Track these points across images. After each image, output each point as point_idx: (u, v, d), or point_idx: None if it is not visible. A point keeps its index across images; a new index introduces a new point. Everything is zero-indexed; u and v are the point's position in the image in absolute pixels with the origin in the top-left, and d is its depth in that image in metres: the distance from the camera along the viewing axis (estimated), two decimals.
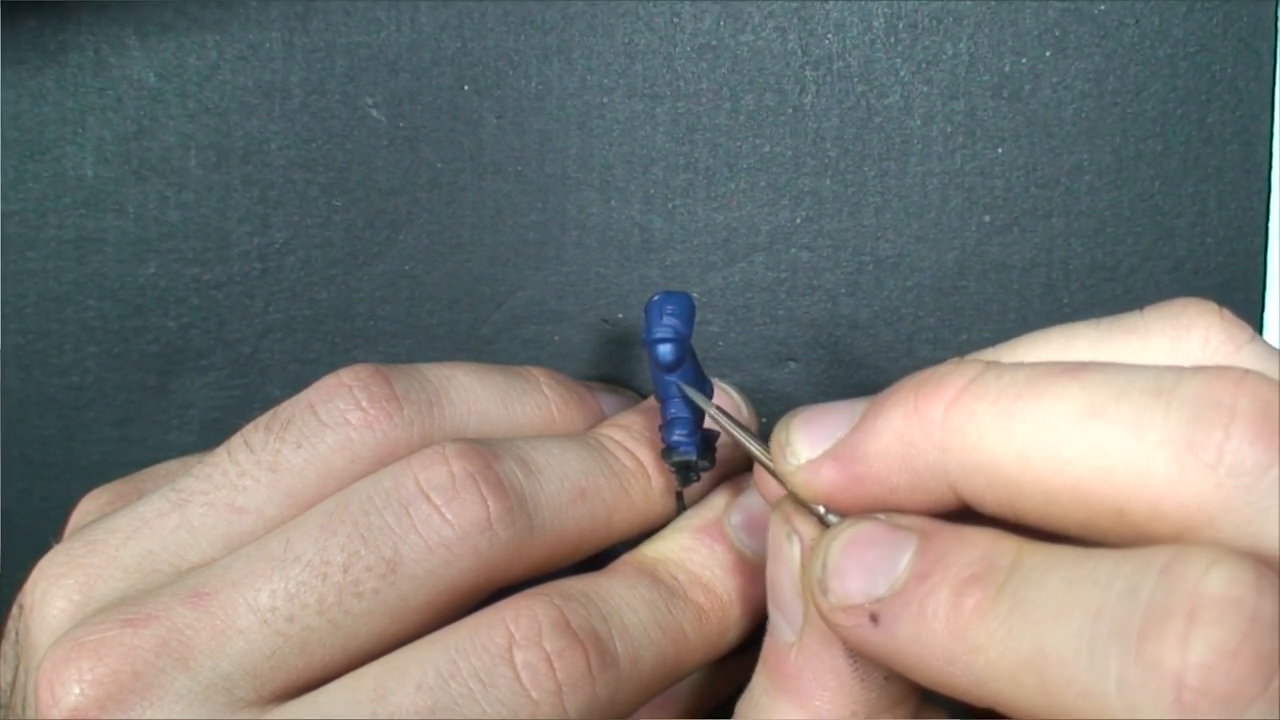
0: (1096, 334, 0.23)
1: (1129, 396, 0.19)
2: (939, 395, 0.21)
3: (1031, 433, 0.20)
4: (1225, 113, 0.32)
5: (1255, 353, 0.22)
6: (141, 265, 0.35)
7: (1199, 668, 0.17)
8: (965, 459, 0.20)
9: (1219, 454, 0.19)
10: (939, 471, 0.21)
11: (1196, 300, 0.23)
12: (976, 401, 0.21)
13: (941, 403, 0.21)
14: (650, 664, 0.26)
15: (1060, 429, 0.20)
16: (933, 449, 0.21)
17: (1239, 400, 0.19)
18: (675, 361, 0.27)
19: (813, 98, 0.33)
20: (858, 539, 0.21)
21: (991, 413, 0.20)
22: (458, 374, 0.28)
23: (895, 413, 0.21)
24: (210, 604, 0.24)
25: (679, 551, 0.28)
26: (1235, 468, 0.18)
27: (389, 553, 0.24)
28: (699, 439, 0.28)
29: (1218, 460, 0.19)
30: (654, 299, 0.27)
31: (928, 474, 0.21)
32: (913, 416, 0.21)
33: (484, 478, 0.25)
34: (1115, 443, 0.19)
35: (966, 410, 0.21)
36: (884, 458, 0.21)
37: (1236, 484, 0.18)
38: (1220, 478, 0.19)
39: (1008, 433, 0.20)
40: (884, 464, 0.21)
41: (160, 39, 0.34)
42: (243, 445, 0.26)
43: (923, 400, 0.21)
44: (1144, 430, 0.19)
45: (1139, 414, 0.19)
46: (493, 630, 0.24)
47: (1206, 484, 0.19)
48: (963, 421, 0.21)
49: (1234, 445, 0.19)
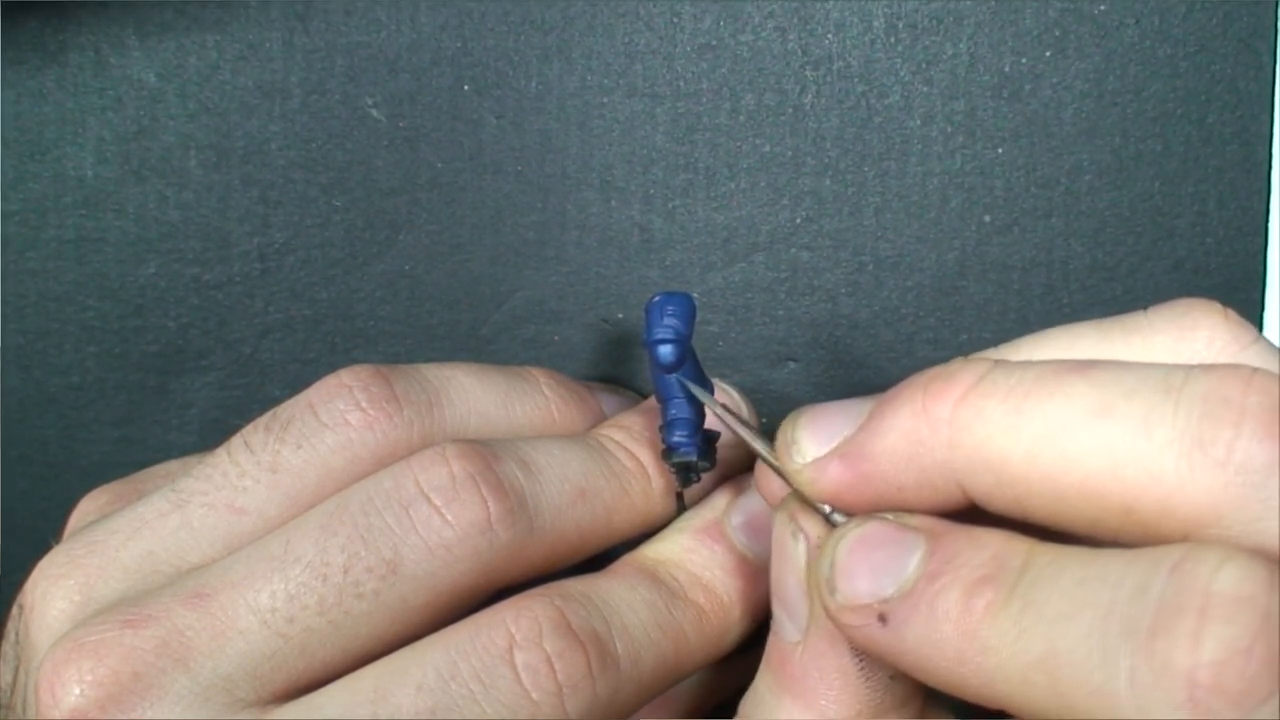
0: (1100, 334, 0.23)
1: (1138, 394, 0.19)
2: (947, 393, 0.21)
3: (1040, 431, 0.20)
4: (1225, 113, 0.32)
5: (1260, 353, 0.22)
6: (141, 265, 0.35)
7: (1211, 665, 0.17)
8: (974, 456, 0.20)
9: (1229, 451, 0.18)
10: (947, 470, 0.21)
11: (1201, 301, 0.23)
12: (985, 399, 0.20)
13: (950, 400, 0.21)
14: (650, 665, 0.26)
15: (1069, 427, 0.20)
16: (941, 447, 0.21)
17: (1249, 398, 0.19)
18: (676, 362, 0.27)
19: (813, 98, 0.33)
20: (865, 538, 0.21)
21: (1000, 410, 0.20)
22: (458, 374, 0.28)
23: (903, 410, 0.21)
24: (210, 605, 0.24)
25: (679, 552, 0.28)
26: (1245, 465, 0.18)
27: (389, 554, 0.24)
28: (700, 440, 0.27)
29: (1227, 458, 0.18)
30: (654, 299, 0.27)
31: (935, 472, 0.21)
32: (921, 414, 0.21)
33: (484, 478, 0.25)
34: (1124, 441, 0.19)
35: (975, 408, 0.20)
36: (891, 456, 0.21)
37: (1246, 481, 0.18)
38: (1230, 475, 0.18)
39: (1016, 430, 0.20)
40: (891, 462, 0.21)
41: (160, 39, 0.34)
42: (243, 446, 0.26)
43: (931, 398, 0.21)
44: (1153, 428, 0.19)
45: (1148, 412, 0.19)
46: (493, 631, 0.24)
47: (1216, 481, 0.19)
48: (971, 419, 0.20)
49: (1244, 443, 0.18)
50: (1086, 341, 0.23)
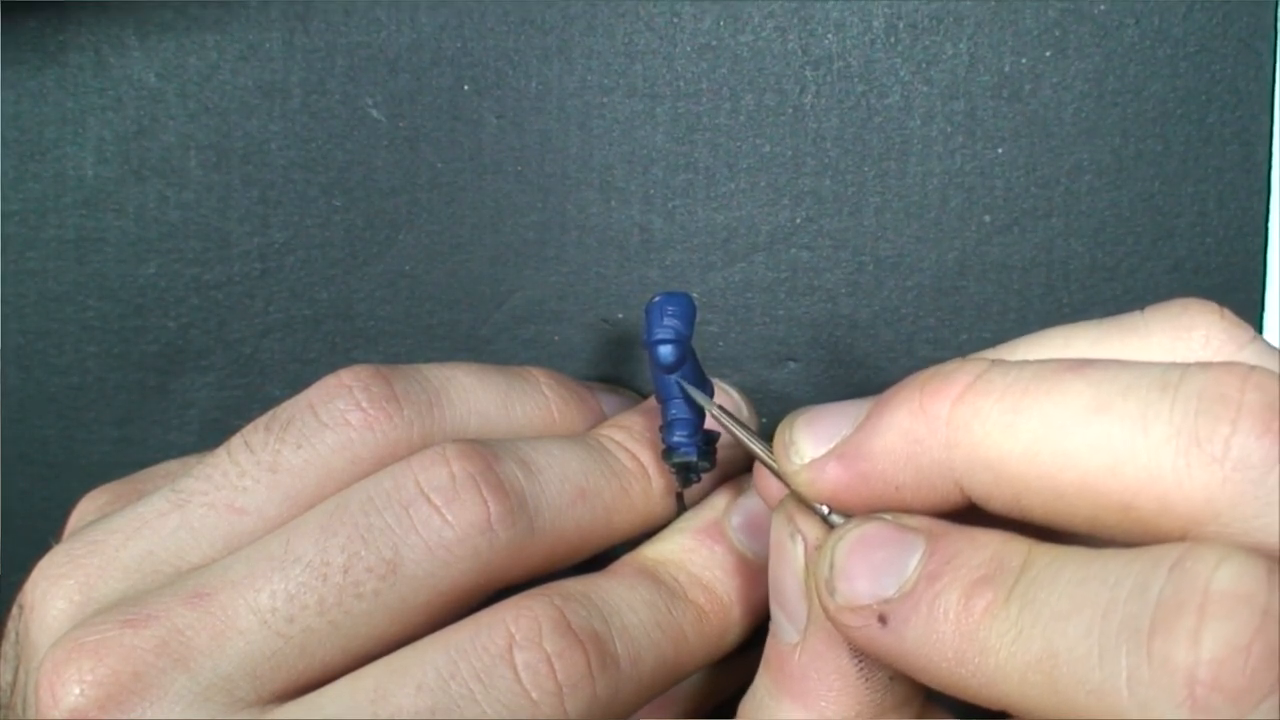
0: (1097, 333, 0.23)
1: (1135, 391, 0.19)
2: (945, 392, 0.21)
3: (1038, 429, 0.20)
4: (1225, 113, 0.32)
5: (1256, 352, 0.22)
6: (141, 265, 0.35)
7: (1211, 663, 0.17)
8: (972, 455, 0.21)
9: (1225, 448, 0.19)
10: (945, 469, 0.21)
11: (1197, 300, 0.23)
12: (982, 398, 0.20)
13: (948, 399, 0.21)
14: (650, 665, 0.26)
15: (1067, 425, 0.20)
16: (939, 446, 0.21)
17: (1245, 394, 0.19)
18: (676, 362, 0.27)
19: (813, 98, 0.33)
20: (865, 539, 0.21)
21: (998, 409, 0.20)
22: (458, 374, 0.28)
23: (901, 410, 0.21)
24: (210, 604, 0.24)
25: (679, 553, 0.28)
26: (1242, 461, 0.18)
27: (389, 553, 0.24)
28: (700, 440, 0.28)
29: (1224, 454, 0.19)
30: (655, 300, 0.27)
31: (934, 471, 0.21)
32: (918, 414, 0.21)
33: (484, 479, 0.25)
34: (1122, 438, 0.19)
35: (973, 407, 0.21)
36: (889, 455, 0.21)
37: (1243, 478, 0.18)
38: (1227, 472, 0.18)
39: (1014, 429, 0.20)
40: (889, 462, 0.21)
41: (160, 39, 0.34)
42: (243, 446, 0.26)
43: (928, 397, 0.21)
44: (1150, 425, 0.19)
45: (1145, 409, 0.19)
46: (493, 631, 0.24)
47: (1213, 478, 0.19)
48: (969, 418, 0.21)
49: (1240, 439, 0.18)
50: (1083, 341, 0.23)
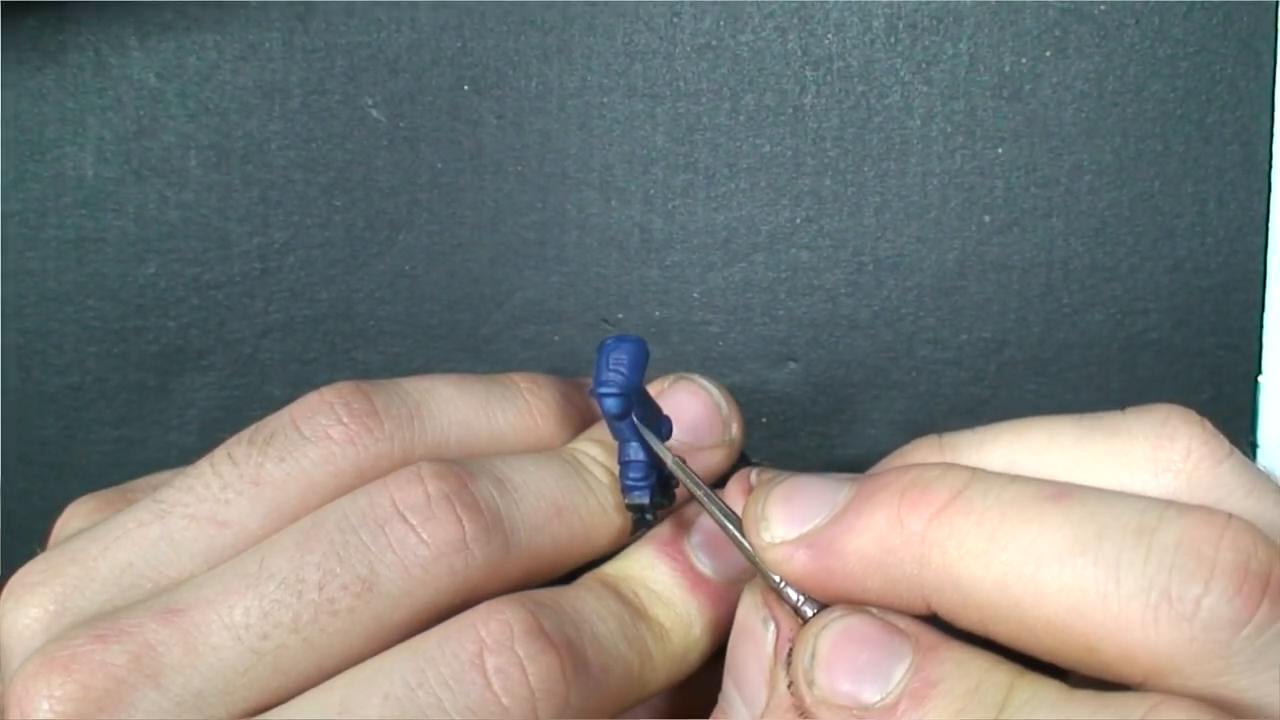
0: (1079, 432, 0.24)
1: (1110, 535, 0.20)
2: (924, 505, 0.21)
3: (1013, 561, 0.20)
4: (1225, 113, 0.32)
5: (1234, 468, 0.23)
6: (141, 265, 0.35)
7: None
8: (943, 576, 0.21)
9: (1195, 608, 0.19)
10: (915, 583, 0.21)
11: (1180, 409, 0.24)
12: (961, 518, 0.21)
13: (925, 514, 0.21)
14: (618, 678, 0.25)
15: (1041, 563, 0.20)
16: (911, 560, 0.21)
17: (1220, 552, 0.19)
18: (620, 413, 0.26)
19: (813, 98, 0.33)
20: (850, 634, 0.21)
21: (975, 534, 0.21)
22: (438, 385, 0.28)
23: (878, 515, 0.21)
24: (184, 620, 0.24)
25: (640, 569, 0.27)
26: (1210, 623, 0.19)
27: (364, 571, 0.24)
28: (654, 481, 0.27)
29: (1194, 614, 0.19)
30: (605, 343, 0.26)
31: (903, 583, 0.21)
32: (895, 524, 0.21)
33: (459, 498, 0.25)
34: (1094, 584, 0.20)
35: (950, 526, 0.21)
36: (861, 559, 0.22)
37: (1210, 638, 0.19)
38: (1195, 631, 0.19)
39: (989, 557, 0.20)
40: (860, 564, 0.22)
41: (160, 39, 0.34)
42: (226, 458, 0.26)
43: (907, 508, 0.21)
44: (1123, 575, 0.19)
45: (1119, 555, 0.20)
46: (462, 636, 0.24)
47: (1180, 636, 0.19)
48: (944, 538, 0.21)
49: (1211, 600, 0.19)
50: (1066, 439, 0.24)
